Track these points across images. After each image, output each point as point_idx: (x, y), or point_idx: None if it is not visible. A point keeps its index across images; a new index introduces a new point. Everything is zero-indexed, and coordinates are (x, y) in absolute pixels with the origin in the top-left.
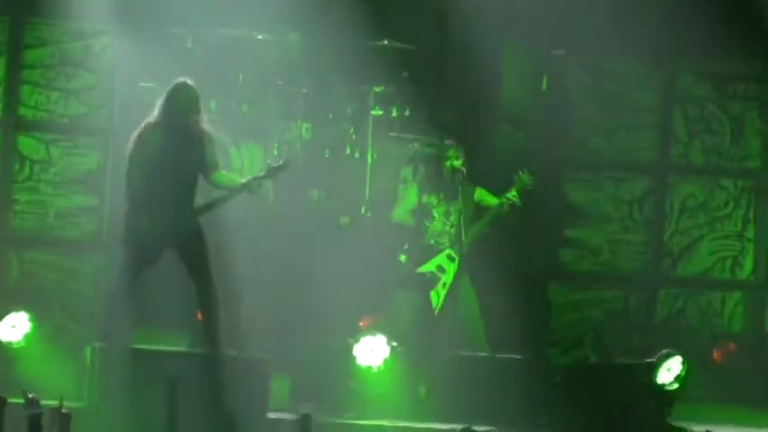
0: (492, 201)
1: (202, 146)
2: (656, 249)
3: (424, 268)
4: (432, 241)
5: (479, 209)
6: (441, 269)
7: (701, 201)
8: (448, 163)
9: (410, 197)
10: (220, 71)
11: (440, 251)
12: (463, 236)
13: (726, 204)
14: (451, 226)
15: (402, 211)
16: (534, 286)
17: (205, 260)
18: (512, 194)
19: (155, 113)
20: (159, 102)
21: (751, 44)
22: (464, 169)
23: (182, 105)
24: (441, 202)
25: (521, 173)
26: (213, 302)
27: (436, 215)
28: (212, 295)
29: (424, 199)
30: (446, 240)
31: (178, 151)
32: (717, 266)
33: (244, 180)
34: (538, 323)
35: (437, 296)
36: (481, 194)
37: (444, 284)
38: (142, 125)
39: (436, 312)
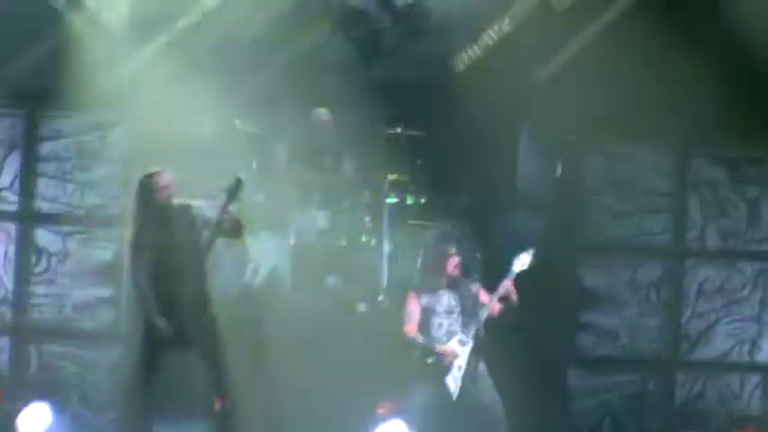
0: (485, 299)
1: (191, 220)
2: (673, 333)
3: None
4: (439, 334)
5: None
6: (453, 355)
7: (718, 284)
8: (448, 259)
9: (412, 311)
10: (235, 160)
11: (449, 338)
12: (478, 322)
13: (743, 287)
14: (457, 316)
15: (411, 329)
16: (552, 371)
17: (221, 349)
18: (501, 291)
19: (136, 211)
20: (135, 196)
21: (764, 127)
22: (467, 262)
23: (158, 190)
24: (440, 298)
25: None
26: (230, 390)
27: (439, 311)
28: (229, 383)
29: (424, 301)
30: (455, 329)
31: (172, 240)
32: (735, 349)
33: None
34: (556, 408)
35: (453, 381)
36: (478, 291)
37: (459, 368)
38: (131, 229)
39: (455, 398)
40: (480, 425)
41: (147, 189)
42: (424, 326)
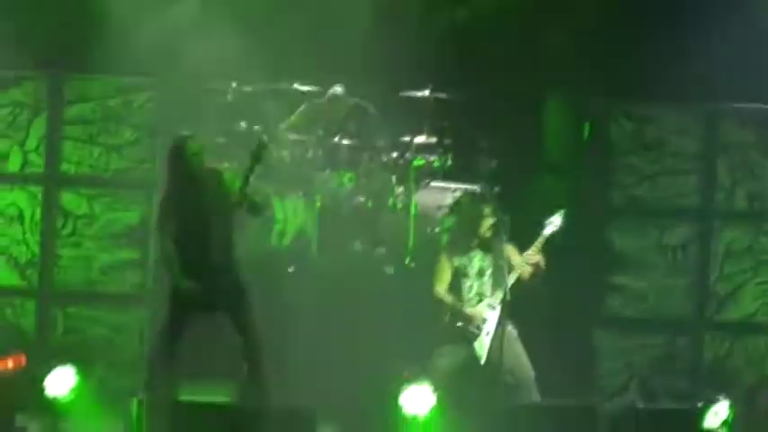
0: (516, 260)
1: (220, 185)
2: (701, 294)
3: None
4: (469, 296)
5: (510, 265)
6: (482, 319)
7: (746, 246)
8: (482, 221)
9: (444, 272)
10: (262, 123)
11: (479, 300)
12: (505, 287)
13: None
14: (488, 278)
15: (441, 289)
16: (580, 333)
17: (248, 311)
18: (531, 253)
19: (167, 175)
20: (167, 161)
21: None
22: (499, 223)
23: (190, 156)
24: (473, 260)
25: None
26: (258, 353)
27: (470, 273)
28: (257, 346)
29: (456, 262)
30: (485, 291)
31: (200, 205)
32: (762, 311)
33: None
34: (584, 370)
35: (481, 346)
36: (510, 252)
37: (488, 333)
38: (162, 192)
39: (482, 362)
40: (508, 388)
41: (179, 154)
42: (455, 287)
